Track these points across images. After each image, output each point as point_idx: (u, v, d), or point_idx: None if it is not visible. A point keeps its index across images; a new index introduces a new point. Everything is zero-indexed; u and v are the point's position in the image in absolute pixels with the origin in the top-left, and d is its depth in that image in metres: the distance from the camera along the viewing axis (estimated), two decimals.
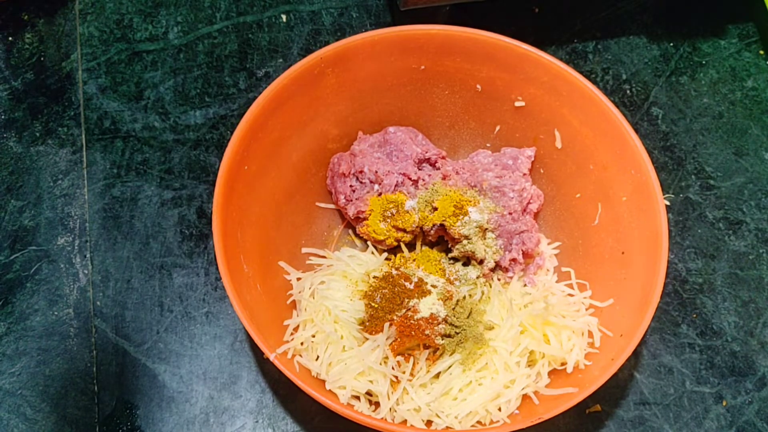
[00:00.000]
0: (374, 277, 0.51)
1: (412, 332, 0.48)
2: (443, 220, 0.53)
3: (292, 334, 0.51)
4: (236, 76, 0.65)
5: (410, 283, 0.50)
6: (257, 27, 0.67)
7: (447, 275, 0.53)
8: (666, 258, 0.48)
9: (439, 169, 0.57)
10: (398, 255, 0.56)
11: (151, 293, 0.58)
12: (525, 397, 0.50)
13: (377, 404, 0.50)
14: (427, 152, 0.56)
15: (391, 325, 0.48)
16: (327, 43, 0.53)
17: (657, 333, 0.58)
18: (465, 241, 0.53)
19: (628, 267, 0.51)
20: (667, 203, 0.61)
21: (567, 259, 0.57)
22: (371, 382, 0.49)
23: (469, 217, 0.52)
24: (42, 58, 0.65)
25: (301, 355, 0.50)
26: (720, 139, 0.64)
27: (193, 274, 0.58)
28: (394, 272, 0.51)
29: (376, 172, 0.54)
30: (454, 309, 0.50)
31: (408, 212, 0.54)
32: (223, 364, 0.56)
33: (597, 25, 0.68)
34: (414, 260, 0.54)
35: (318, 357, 0.50)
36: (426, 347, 0.50)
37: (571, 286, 0.54)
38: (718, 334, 0.58)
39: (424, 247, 0.56)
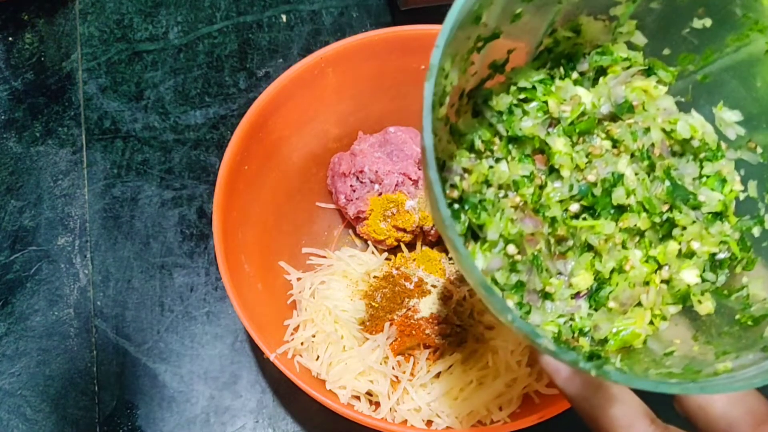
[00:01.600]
0: (374, 277, 0.51)
1: (413, 332, 0.48)
2: None
3: (292, 334, 0.51)
4: (236, 76, 0.65)
5: (410, 283, 0.50)
6: (257, 27, 0.67)
7: (447, 275, 0.53)
8: None
9: None
10: (398, 255, 0.56)
11: (151, 293, 0.58)
12: (526, 396, 0.50)
13: (377, 404, 0.50)
14: None
15: (391, 324, 0.48)
16: (327, 43, 0.53)
17: None
18: None
19: None
20: None
21: None
22: (371, 381, 0.49)
23: None
24: (42, 58, 0.65)
25: (301, 355, 0.50)
26: None
27: (194, 274, 0.58)
28: (395, 272, 0.51)
29: (377, 171, 0.54)
30: (454, 309, 0.50)
31: (408, 212, 0.54)
32: (223, 363, 0.56)
33: None
34: (414, 260, 0.54)
35: (318, 357, 0.50)
36: (426, 347, 0.50)
37: None
38: None
39: (424, 247, 0.56)
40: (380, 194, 0.54)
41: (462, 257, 0.23)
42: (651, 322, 0.31)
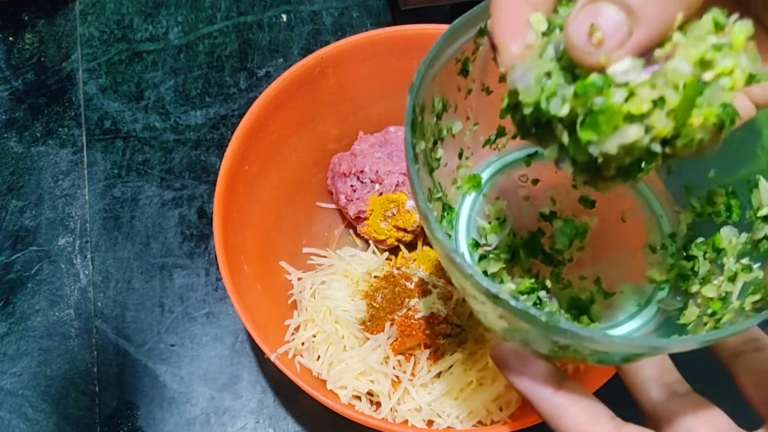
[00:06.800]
0: (375, 277, 0.51)
1: (413, 332, 0.48)
2: None
3: (292, 334, 0.51)
4: (237, 76, 0.65)
5: (411, 283, 0.50)
6: (258, 27, 0.67)
7: (447, 275, 0.53)
8: None
9: None
10: (399, 255, 0.56)
11: (151, 294, 0.58)
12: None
13: (378, 404, 0.50)
14: None
15: (392, 324, 0.48)
16: (327, 43, 0.53)
17: None
18: None
19: None
20: None
21: None
22: (372, 382, 0.49)
23: None
24: (42, 59, 0.65)
25: (302, 355, 0.50)
26: None
27: (194, 274, 0.58)
28: (395, 272, 0.51)
29: (377, 171, 0.54)
30: (454, 309, 0.50)
31: (409, 212, 0.54)
32: (223, 364, 0.56)
33: None
34: (415, 260, 0.54)
35: (319, 357, 0.50)
36: (427, 347, 0.50)
37: None
38: None
39: (425, 247, 0.56)
40: (381, 194, 0.54)
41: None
42: None
